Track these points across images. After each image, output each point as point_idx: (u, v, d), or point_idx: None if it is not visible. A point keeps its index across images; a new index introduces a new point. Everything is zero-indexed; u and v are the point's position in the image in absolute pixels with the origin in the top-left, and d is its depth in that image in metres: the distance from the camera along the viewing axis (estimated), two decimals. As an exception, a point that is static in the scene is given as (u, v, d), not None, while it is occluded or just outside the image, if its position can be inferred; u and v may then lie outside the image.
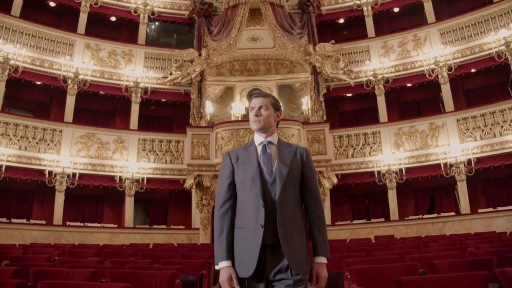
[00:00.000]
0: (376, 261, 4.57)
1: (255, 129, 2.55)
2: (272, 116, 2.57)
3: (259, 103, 2.55)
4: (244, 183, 2.46)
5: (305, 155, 2.56)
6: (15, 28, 13.76)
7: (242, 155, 2.55)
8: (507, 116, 12.71)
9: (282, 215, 2.35)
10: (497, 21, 13.61)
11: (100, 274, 4.02)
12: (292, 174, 2.45)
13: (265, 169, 2.46)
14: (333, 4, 16.40)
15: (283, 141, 2.63)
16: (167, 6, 16.43)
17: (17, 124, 12.91)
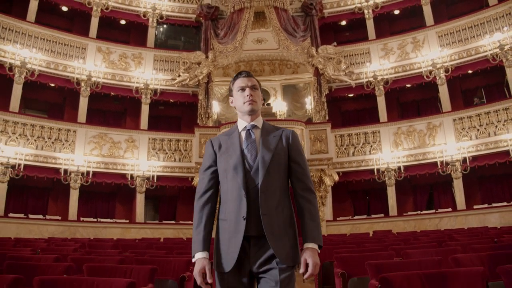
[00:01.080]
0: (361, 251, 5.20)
1: (248, 110, 2.38)
2: (260, 97, 2.48)
3: (251, 83, 2.42)
4: (227, 172, 2.32)
5: (291, 137, 2.40)
6: (31, 33, 14.44)
7: (225, 142, 2.41)
8: (501, 116, 13.26)
9: (266, 204, 2.22)
10: (492, 24, 14.13)
11: (127, 261, 4.64)
12: (277, 159, 2.31)
13: (248, 156, 2.32)
14: (335, 7, 16.98)
15: (268, 124, 2.48)
16: (175, 9, 17.06)
17: (33, 125, 13.60)
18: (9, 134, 13.08)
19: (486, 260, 3.77)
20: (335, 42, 16.34)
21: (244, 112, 2.40)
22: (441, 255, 3.80)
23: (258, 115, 2.45)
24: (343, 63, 15.53)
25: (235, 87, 2.44)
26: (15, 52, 13.72)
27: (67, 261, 4.27)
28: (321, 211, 13.84)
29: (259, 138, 2.35)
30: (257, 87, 2.45)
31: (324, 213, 13.88)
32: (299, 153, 2.39)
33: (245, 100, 2.38)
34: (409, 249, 4.57)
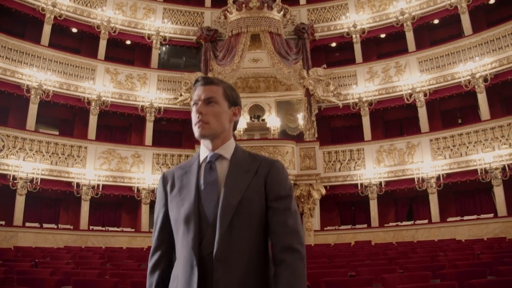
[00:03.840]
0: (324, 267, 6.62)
1: (197, 135, 1.76)
2: (226, 114, 1.79)
3: (206, 94, 1.76)
4: (178, 225, 1.70)
5: (271, 172, 1.73)
6: (45, 56, 15.74)
7: (179, 180, 1.78)
8: (472, 138, 14.69)
9: (224, 280, 1.58)
10: (466, 53, 15.54)
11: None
12: (247, 208, 1.66)
13: (206, 203, 1.67)
14: (326, 31, 18.38)
15: (242, 152, 1.83)
16: (177, 32, 18.44)
17: (48, 142, 14.93)
18: (26, 151, 14.40)
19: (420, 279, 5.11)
20: (325, 65, 17.76)
21: (195, 136, 1.78)
22: (386, 272, 5.14)
23: (227, 138, 1.80)
24: (331, 85, 16.91)
25: (192, 100, 1.81)
26: (32, 75, 15.04)
27: (117, 276, 5.52)
28: (309, 222, 15.29)
29: (224, 174, 1.71)
30: (217, 99, 1.76)
31: (312, 224, 15.33)
32: (280, 195, 1.71)
33: (193, 120, 1.77)
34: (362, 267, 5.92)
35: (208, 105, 1.76)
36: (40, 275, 5.37)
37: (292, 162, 15.27)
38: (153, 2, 18.66)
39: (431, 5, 17.04)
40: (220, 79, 1.92)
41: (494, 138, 14.36)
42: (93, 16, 17.34)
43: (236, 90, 1.90)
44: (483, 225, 13.89)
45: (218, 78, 1.94)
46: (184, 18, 18.75)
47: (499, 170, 13.90)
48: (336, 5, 18.69)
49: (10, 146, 14.16)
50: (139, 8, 18.31)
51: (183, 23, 18.66)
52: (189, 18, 18.80)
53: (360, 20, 17.94)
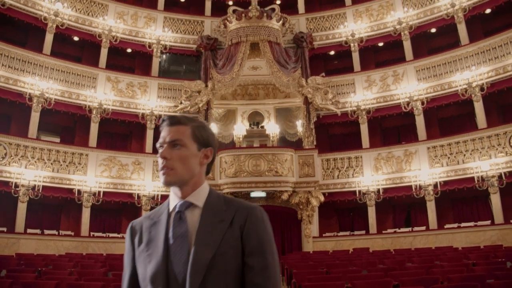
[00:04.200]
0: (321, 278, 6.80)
1: (162, 183, 1.59)
2: (194, 158, 1.60)
3: (171, 136, 1.60)
4: (145, 284, 1.52)
5: (249, 220, 1.53)
6: (47, 65, 15.95)
7: (147, 231, 1.60)
8: (469, 146, 14.88)
9: None
10: (463, 62, 15.75)
11: None
12: (221, 264, 1.47)
13: (175, 259, 1.49)
14: (324, 40, 18.61)
15: (217, 197, 1.63)
16: (177, 40, 18.67)
17: (50, 149, 15.12)
18: (28, 159, 14.58)
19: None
20: (324, 73, 17.97)
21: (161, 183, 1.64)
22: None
23: (198, 184, 1.61)
24: (330, 93, 17.11)
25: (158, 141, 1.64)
26: (34, 83, 15.23)
27: None
28: (308, 228, 15.46)
29: (196, 225, 1.53)
30: (183, 142, 1.59)
31: (311, 230, 15.50)
32: (257, 250, 1.52)
33: (159, 165, 1.60)
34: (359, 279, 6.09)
35: (174, 148, 1.59)
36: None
37: (291, 170, 15.43)
38: (153, 11, 18.92)
39: (428, 14, 17.27)
40: (191, 117, 1.70)
41: (491, 146, 14.54)
42: (94, 25, 17.57)
43: (208, 129, 1.71)
44: (480, 232, 14.07)
45: (188, 116, 1.68)
46: (184, 27, 18.99)
47: (495, 178, 14.06)
48: (334, 14, 18.93)
49: (13, 154, 14.34)
50: (140, 17, 18.54)
51: (183, 31, 18.89)
52: (189, 26, 19.04)
53: (358, 29, 18.18)
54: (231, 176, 15.24)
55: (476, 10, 16.30)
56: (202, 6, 19.96)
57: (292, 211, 15.84)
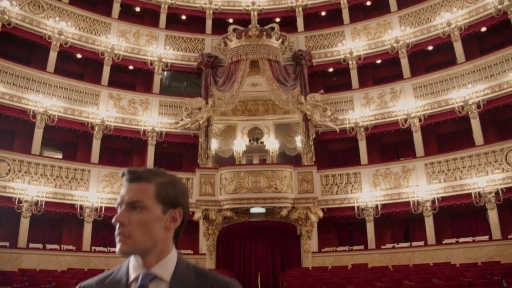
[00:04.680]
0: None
1: (117, 252, 1.35)
2: (158, 223, 1.35)
3: (129, 197, 1.35)
4: None
5: None
6: (51, 83, 16.24)
7: None
8: (466, 163, 15.08)
9: None
10: (460, 80, 16.04)
11: None
12: None
13: None
14: (323, 57, 18.94)
15: (186, 268, 1.38)
16: (178, 58, 19.00)
17: (53, 165, 15.34)
18: (31, 174, 14.79)
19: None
20: (322, 90, 18.21)
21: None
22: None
23: (164, 253, 1.37)
24: (328, 110, 17.37)
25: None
26: (38, 100, 15.52)
27: None
28: (307, 244, 15.61)
29: None
30: (144, 203, 1.33)
31: (310, 246, 15.65)
32: None
33: (116, 231, 1.35)
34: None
35: (133, 211, 1.33)
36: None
37: (290, 186, 15.64)
38: (155, 29, 19.30)
39: (424, 33, 17.61)
40: (156, 171, 1.41)
41: (488, 162, 14.75)
42: (97, 43, 17.90)
43: (178, 185, 1.42)
44: (478, 248, 14.23)
45: (153, 170, 1.39)
46: (185, 45, 19.33)
47: (492, 194, 14.24)
48: (333, 32, 19.29)
49: (16, 170, 14.56)
50: (142, 35, 18.89)
51: (184, 49, 19.22)
52: (190, 44, 19.38)
53: (356, 47, 18.50)
54: (231, 193, 15.45)
55: (471, 29, 16.64)
56: (203, 24, 20.34)
57: (291, 227, 16.01)
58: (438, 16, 17.28)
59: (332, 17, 20.66)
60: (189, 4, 20.62)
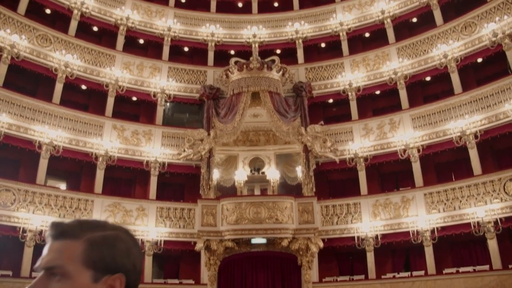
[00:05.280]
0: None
1: None
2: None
3: (47, 261, 1.05)
4: None
5: None
6: (56, 114, 16.62)
7: None
8: (465, 193, 15.25)
9: None
10: (457, 111, 16.34)
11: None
12: None
13: None
14: (323, 89, 19.36)
15: None
16: (181, 89, 19.46)
17: (57, 195, 15.57)
18: (36, 204, 15.01)
19: None
20: (322, 121, 18.51)
21: None
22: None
23: None
24: (328, 141, 17.66)
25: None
26: (44, 131, 15.86)
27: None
28: (307, 274, 15.68)
29: None
30: (65, 270, 1.02)
31: (310, 276, 15.71)
32: None
33: None
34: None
35: (51, 279, 1.03)
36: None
37: (291, 217, 15.81)
38: (158, 61, 19.81)
39: (422, 64, 18.04)
40: (90, 223, 1.15)
41: (486, 192, 14.91)
42: (102, 74, 18.37)
43: (121, 243, 1.12)
44: (479, 278, 14.29)
45: (87, 222, 1.15)
46: (187, 76, 19.80)
47: (491, 224, 14.34)
48: (332, 64, 19.77)
49: (21, 200, 14.78)
50: (146, 67, 19.37)
51: (186, 81, 19.69)
52: (193, 76, 19.84)
53: (355, 79, 18.91)
54: (232, 223, 15.63)
55: (468, 60, 17.04)
56: (205, 55, 20.89)
57: (292, 257, 16.09)
58: (434, 48, 17.73)
59: (331, 48, 21.24)
60: (191, 37, 21.21)
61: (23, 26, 17.04)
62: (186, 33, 21.19)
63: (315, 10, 21.91)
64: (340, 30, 20.59)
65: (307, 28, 21.13)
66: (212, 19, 21.80)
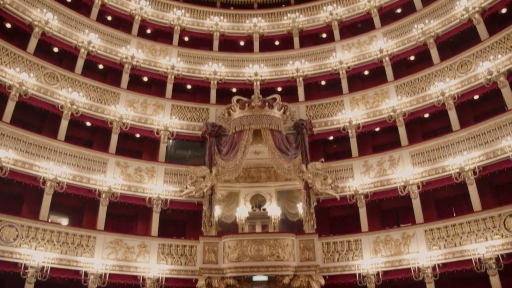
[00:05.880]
0: None
1: None
2: None
3: None
4: None
5: None
6: (61, 150, 16.87)
7: None
8: (465, 229, 15.27)
9: None
10: (455, 147, 16.54)
11: None
12: None
13: None
14: (323, 126, 19.73)
15: None
16: (183, 127, 19.86)
17: (59, 231, 15.64)
18: (38, 240, 15.06)
19: None
20: (323, 158, 18.72)
21: None
22: None
23: None
24: (329, 178, 17.84)
25: None
26: (48, 168, 16.07)
27: None
28: (309, 312, 15.63)
29: None
30: None
31: (312, 314, 15.66)
32: None
33: None
34: None
35: None
36: None
37: (292, 254, 15.87)
38: (162, 99, 20.27)
39: (420, 101, 18.40)
40: None
41: (486, 228, 14.93)
42: (106, 112, 18.77)
43: None
44: (482, 315, 14.21)
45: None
46: (190, 114, 20.22)
47: (493, 260, 14.29)
48: (332, 102, 20.21)
49: (24, 236, 14.84)
50: (149, 105, 19.81)
51: (189, 118, 20.10)
52: (195, 114, 20.27)
53: (355, 116, 19.29)
54: (234, 261, 15.68)
55: (465, 97, 17.37)
56: (208, 93, 21.43)
57: (294, 294, 16.06)
58: (432, 86, 18.15)
59: (331, 86, 21.74)
60: (194, 75, 21.78)
61: (32, 65, 17.55)
62: (189, 71, 21.73)
63: (315, 49, 22.55)
64: (340, 68, 21.14)
65: (308, 66, 21.68)
66: (214, 58, 22.41)
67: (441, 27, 19.15)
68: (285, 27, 23.90)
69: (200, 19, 24.00)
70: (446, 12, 19.14)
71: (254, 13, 24.67)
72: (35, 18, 18.39)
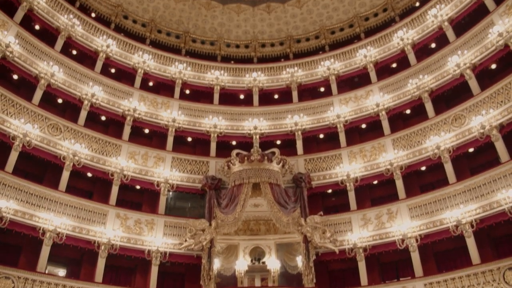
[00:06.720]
0: None
1: None
2: None
3: None
4: None
5: None
6: (62, 201, 16.95)
7: None
8: (465, 282, 15.18)
9: None
10: (452, 200, 16.68)
11: None
12: None
13: None
14: (322, 180, 20.02)
15: None
16: (183, 179, 20.11)
17: (57, 284, 15.50)
18: (35, 294, 14.98)
19: None
20: (321, 212, 18.84)
21: None
22: None
23: None
24: (328, 232, 17.91)
25: None
26: (48, 218, 16.09)
27: None
28: None
29: None
30: None
31: None
32: None
33: None
34: None
35: None
36: None
37: (291, 309, 15.76)
38: (163, 151, 20.61)
39: (416, 155, 18.74)
40: None
41: (486, 282, 14.86)
42: (108, 163, 19.03)
43: None
44: None
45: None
46: (190, 167, 20.51)
47: (494, 315, 14.24)
48: (330, 155, 20.58)
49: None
50: (150, 157, 20.10)
51: (189, 171, 20.38)
52: (195, 166, 20.56)
53: (353, 169, 19.61)
54: (233, 315, 15.53)
55: (460, 150, 17.72)
56: (208, 146, 21.83)
57: None
58: (428, 139, 18.54)
59: (329, 139, 22.17)
60: (195, 128, 22.22)
61: (36, 116, 17.93)
62: (189, 124, 22.20)
63: (313, 103, 23.14)
64: (338, 122, 21.62)
65: (306, 120, 22.20)
66: (215, 111, 22.96)
67: (434, 82, 19.76)
68: (284, 81, 24.62)
69: (201, 72, 24.72)
70: (439, 68, 19.81)
71: (254, 67, 25.47)
72: (41, 70, 18.95)
